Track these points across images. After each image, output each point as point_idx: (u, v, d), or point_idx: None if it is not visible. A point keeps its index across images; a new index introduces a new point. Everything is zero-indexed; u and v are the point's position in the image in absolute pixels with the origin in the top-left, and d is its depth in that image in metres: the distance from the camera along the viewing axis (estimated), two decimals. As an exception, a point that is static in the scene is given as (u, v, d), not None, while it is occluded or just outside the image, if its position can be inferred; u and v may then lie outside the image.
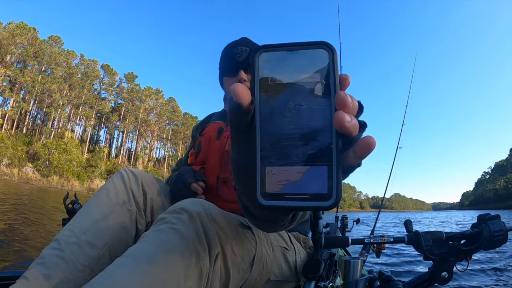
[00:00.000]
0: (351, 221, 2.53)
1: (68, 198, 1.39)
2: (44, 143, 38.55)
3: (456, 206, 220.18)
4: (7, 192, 13.98)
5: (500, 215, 0.77)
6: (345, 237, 0.83)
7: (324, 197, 0.32)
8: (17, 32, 39.50)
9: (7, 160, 33.61)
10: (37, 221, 5.63)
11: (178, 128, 60.95)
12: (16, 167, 33.77)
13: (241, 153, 0.39)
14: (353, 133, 0.32)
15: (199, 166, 1.20)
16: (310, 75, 0.34)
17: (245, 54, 1.20)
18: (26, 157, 36.73)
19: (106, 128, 54.75)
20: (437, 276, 0.78)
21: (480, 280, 3.45)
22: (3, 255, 2.99)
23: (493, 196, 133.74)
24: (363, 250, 1.96)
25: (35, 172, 35.36)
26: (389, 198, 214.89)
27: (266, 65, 0.35)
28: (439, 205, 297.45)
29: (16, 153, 35.35)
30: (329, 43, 0.34)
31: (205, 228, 0.67)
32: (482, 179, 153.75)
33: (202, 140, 1.25)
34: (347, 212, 34.90)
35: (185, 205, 0.70)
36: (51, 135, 42.76)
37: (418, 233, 0.79)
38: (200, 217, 0.68)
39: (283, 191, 0.33)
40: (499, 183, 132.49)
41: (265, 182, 0.33)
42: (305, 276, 0.92)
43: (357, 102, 0.34)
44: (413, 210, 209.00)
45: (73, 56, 47.25)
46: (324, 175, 0.32)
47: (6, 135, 36.21)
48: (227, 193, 1.10)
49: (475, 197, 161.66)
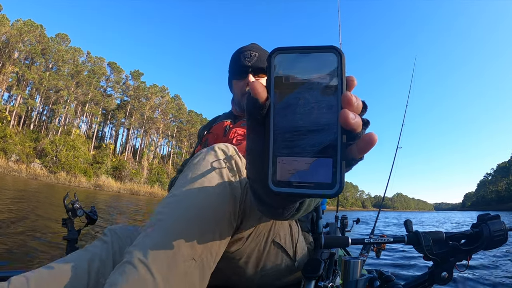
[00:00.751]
0: (351, 221, 2.52)
1: (68, 198, 1.39)
2: (52, 140, 38.66)
3: (458, 206, 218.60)
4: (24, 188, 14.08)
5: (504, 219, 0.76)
6: (345, 237, 0.83)
7: (328, 186, 0.36)
8: (25, 29, 39.68)
9: (15, 156, 33.84)
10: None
11: (183, 125, 61.06)
12: (24, 163, 33.97)
13: (256, 143, 0.43)
14: (356, 130, 0.36)
15: None
16: (320, 75, 0.38)
17: (254, 59, 1.24)
18: (34, 153, 36.97)
19: (112, 125, 54.97)
20: (437, 276, 0.77)
21: (479, 280, 3.42)
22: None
23: (495, 198, 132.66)
24: (363, 250, 1.95)
25: (43, 168, 35.49)
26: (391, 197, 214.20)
27: (281, 65, 0.39)
28: (441, 205, 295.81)
29: (24, 150, 35.56)
30: (338, 48, 0.38)
31: (236, 162, 0.77)
32: (484, 181, 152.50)
33: (209, 137, 1.27)
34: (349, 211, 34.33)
35: (221, 145, 0.80)
36: (58, 131, 42.99)
37: (418, 233, 0.79)
38: (232, 154, 0.78)
39: (292, 179, 0.37)
40: (501, 185, 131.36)
41: (276, 171, 0.37)
42: (305, 276, 0.92)
43: (361, 101, 0.38)
44: (415, 210, 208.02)
45: (79, 53, 47.36)
46: (329, 166, 0.36)
47: (14, 131, 36.39)
48: None
49: (477, 198, 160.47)
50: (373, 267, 3.18)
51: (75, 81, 45.16)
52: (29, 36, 40.03)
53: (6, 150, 33.05)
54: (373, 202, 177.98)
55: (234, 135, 1.19)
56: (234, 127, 1.23)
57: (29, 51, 40.45)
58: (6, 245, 3.14)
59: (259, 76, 1.28)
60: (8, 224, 4.37)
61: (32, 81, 40.74)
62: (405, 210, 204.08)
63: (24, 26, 40.00)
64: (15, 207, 6.37)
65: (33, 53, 40.91)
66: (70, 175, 36.63)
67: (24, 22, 40.56)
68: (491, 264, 4.36)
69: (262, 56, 1.28)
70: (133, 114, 53.73)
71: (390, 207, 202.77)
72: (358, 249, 2.07)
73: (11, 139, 34.18)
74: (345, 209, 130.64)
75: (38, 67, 41.62)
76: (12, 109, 38.93)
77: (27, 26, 40.37)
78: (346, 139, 0.37)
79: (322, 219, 1.26)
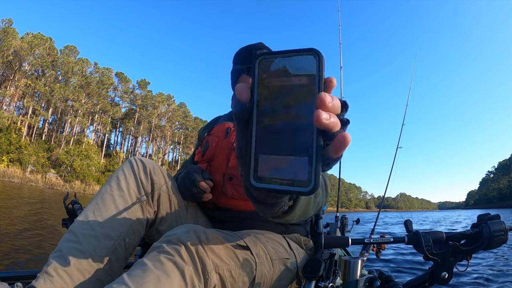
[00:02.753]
0: (351, 221, 2.48)
1: (68, 198, 1.37)
2: (67, 150, 39.25)
3: (462, 205, 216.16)
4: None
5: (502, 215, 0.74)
6: (345, 237, 0.81)
7: (304, 184, 0.37)
8: (36, 43, 40.25)
9: (31, 166, 34.40)
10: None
11: (189, 132, 61.33)
12: (39, 173, 34.51)
13: (241, 141, 0.44)
14: (332, 130, 0.36)
15: (206, 163, 1.20)
16: (300, 78, 0.39)
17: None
18: (49, 163, 37.51)
19: (120, 133, 55.38)
20: (437, 276, 0.75)
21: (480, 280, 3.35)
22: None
23: (497, 195, 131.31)
24: (363, 250, 1.91)
25: (58, 178, 36.03)
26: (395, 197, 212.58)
27: (264, 69, 0.41)
28: (445, 204, 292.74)
29: (39, 160, 36.12)
30: (318, 50, 0.39)
31: (202, 260, 0.66)
32: (486, 179, 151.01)
33: (210, 139, 1.25)
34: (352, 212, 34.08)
35: (181, 236, 0.69)
36: (70, 141, 43.44)
37: (418, 233, 0.76)
38: (197, 249, 0.67)
39: (271, 176, 0.39)
40: (502, 182, 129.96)
41: (258, 167, 0.40)
42: (305, 276, 0.91)
43: (339, 101, 0.38)
44: (419, 210, 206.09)
45: (87, 64, 47.91)
46: (306, 164, 0.37)
47: (27, 142, 36.95)
48: (232, 190, 1.09)
49: (479, 196, 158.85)
50: (373, 267, 3.13)
51: (87, 93, 45.71)
52: (39, 49, 40.58)
53: (21, 160, 33.60)
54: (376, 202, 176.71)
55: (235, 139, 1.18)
56: (235, 130, 1.22)
57: (40, 63, 40.99)
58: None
59: None
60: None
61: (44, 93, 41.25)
62: (409, 210, 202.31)
63: (34, 39, 40.57)
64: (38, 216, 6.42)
65: (43, 66, 41.44)
66: (84, 184, 37.09)
67: (34, 35, 41.13)
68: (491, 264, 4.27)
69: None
70: (142, 122, 54.07)
71: (394, 207, 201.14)
72: (358, 249, 2.04)
73: (26, 150, 34.75)
74: (349, 210, 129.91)
75: (47, 78, 42.12)
76: (26, 121, 39.46)
77: (37, 39, 40.95)
78: (322, 139, 0.38)
79: (322, 219, 1.24)
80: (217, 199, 1.11)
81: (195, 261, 0.65)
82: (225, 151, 1.16)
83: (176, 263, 0.62)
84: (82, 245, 0.77)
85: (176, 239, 0.67)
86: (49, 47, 42.55)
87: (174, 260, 0.63)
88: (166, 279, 0.59)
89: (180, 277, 0.61)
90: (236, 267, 0.74)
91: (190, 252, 0.66)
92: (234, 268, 0.73)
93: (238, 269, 0.74)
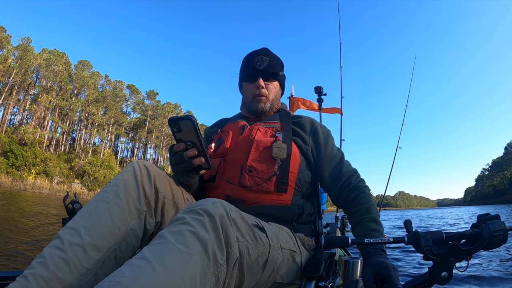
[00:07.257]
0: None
1: (68, 198, 1.29)
2: (90, 161, 40.31)
3: (461, 201, 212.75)
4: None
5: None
6: (345, 237, 0.77)
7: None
8: (53, 59, 40.91)
9: (58, 178, 35.30)
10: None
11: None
12: (65, 183, 35.35)
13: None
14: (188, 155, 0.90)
15: (219, 158, 1.17)
16: (190, 134, 0.88)
17: (265, 64, 1.24)
18: (73, 174, 38.45)
19: (132, 142, 55.72)
20: (437, 276, 0.71)
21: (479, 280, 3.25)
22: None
23: (492, 192, 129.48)
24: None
25: (82, 187, 36.82)
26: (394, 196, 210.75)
27: (176, 127, 0.87)
28: (444, 201, 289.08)
29: (63, 171, 37.04)
30: (190, 116, 0.83)
31: (226, 232, 0.62)
32: (481, 176, 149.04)
33: (223, 135, 1.23)
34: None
35: (207, 206, 0.64)
36: (89, 153, 44.15)
37: (418, 233, 0.72)
38: (222, 221, 0.63)
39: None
40: (496, 179, 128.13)
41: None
42: (305, 276, 0.89)
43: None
44: (418, 207, 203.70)
45: (98, 77, 48.47)
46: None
47: (49, 155, 37.70)
48: (250, 180, 1.07)
49: (476, 193, 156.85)
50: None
51: (104, 106, 46.55)
52: (57, 65, 41.22)
53: (47, 172, 34.40)
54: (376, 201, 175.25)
55: (255, 132, 1.17)
56: (254, 126, 1.22)
57: (60, 79, 41.59)
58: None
59: (268, 80, 1.27)
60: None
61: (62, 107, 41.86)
62: (408, 207, 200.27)
63: (51, 55, 41.25)
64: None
65: (61, 82, 42.03)
66: (106, 192, 38.12)
67: (51, 52, 41.85)
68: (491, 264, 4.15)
69: (272, 61, 1.27)
70: (154, 132, 54.51)
71: (393, 206, 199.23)
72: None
73: (51, 162, 35.72)
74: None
75: (64, 93, 42.72)
76: (50, 135, 40.18)
77: (54, 55, 41.61)
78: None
79: (322, 219, 1.20)
80: (232, 191, 1.08)
81: (218, 233, 0.61)
82: (244, 145, 1.15)
83: (198, 235, 0.58)
84: (67, 255, 0.67)
85: (200, 209, 0.63)
86: (65, 63, 43.24)
87: (196, 232, 0.58)
88: (188, 253, 0.55)
89: (203, 250, 0.57)
90: (253, 246, 0.72)
91: (214, 223, 0.61)
92: (252, 246, 0.71)
93: (254, 248, 0.72)
